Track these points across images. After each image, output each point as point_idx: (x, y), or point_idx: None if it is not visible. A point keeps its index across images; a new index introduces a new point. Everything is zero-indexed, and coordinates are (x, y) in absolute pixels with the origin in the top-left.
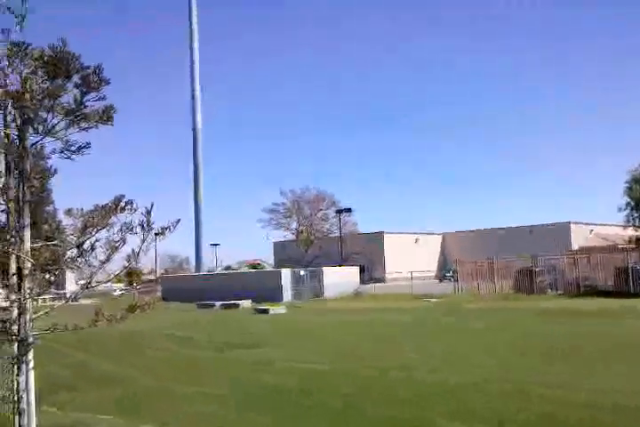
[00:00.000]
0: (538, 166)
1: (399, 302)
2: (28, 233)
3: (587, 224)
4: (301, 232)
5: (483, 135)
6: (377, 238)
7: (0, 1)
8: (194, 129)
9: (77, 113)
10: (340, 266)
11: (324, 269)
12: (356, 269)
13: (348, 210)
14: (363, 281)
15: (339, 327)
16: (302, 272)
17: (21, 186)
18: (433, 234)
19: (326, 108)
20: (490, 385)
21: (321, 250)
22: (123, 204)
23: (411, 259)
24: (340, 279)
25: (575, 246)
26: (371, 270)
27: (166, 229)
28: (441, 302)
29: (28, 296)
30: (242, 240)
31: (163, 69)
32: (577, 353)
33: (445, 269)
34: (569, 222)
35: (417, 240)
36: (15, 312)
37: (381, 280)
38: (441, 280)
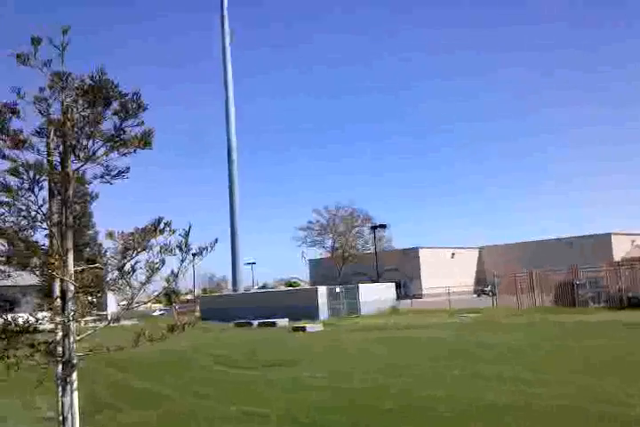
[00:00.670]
0: (569, 176)
1: (437, 318)
2: (71, 257)
3: (628, 235)
4: (336, 249)
5: (517, 149)
6: (412, 254)
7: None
8: (228, 149)
9: (117, 139)
10: (375, 282)
11: (360, 285)
12: (392, 286)
13: (383, 226)
14: (399, 297)
15: (377, 345)
16: (338, 289)
17: (64, 211)
18: (469, 248)
19: (358, 123)
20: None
21: (356, 267)
22: (161, 226)
23: (447, 274)
24: (376, 296)
25: (617, 258)
26: (407, 286)
27: (204, 249)
28: (480, 316)
29: (71, 318)
30: (278, 258)
31: (196, 84)
32: None
33: (483, 284)
34: (610, 234)
35: (453, 255)
36: (60, 334)
37: (418, 296)
38: (479, 295)
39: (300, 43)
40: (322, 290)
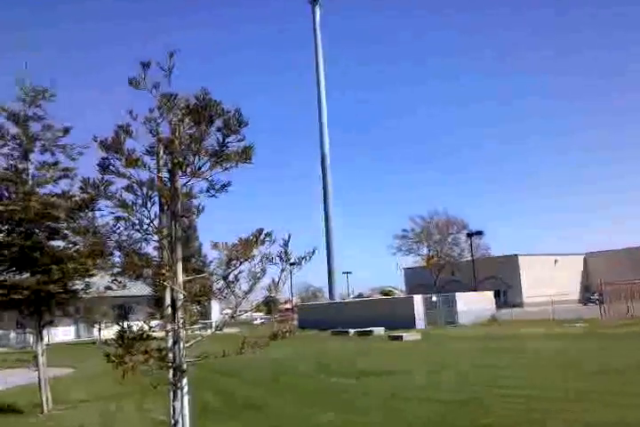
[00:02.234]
0: None
1: (540, 328)
2: (180, 267)
3: None
4: (432, 257)
5: (620, 155)
6: (511, 261)
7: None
8: (322, 157)
9: (220, 155)
10: (473, 291)
11: (457, 294)
12: (490, 294)
13: (480, 233)
14: (498, 306)
15: (476, 355)
16: (435, 298)
17: (173, 224)
18: (573, 255)
19: (457, 129)
20: None
21: (453, 275)
22: (262, 236)
23: (550, 282)
24: (474, 305)
25: None
26: (506, 295)
27: (303, 258)
28: (587, 326)
29: (181, 326)
30: (373, 267)
31: (290, 95)
32: None
33: (589, 292)
34: None
35: (556, 262)
36: (170, 341)
37: (518, 305)
38: (585, 304)
39: (389, 39)
40: (418, 299)
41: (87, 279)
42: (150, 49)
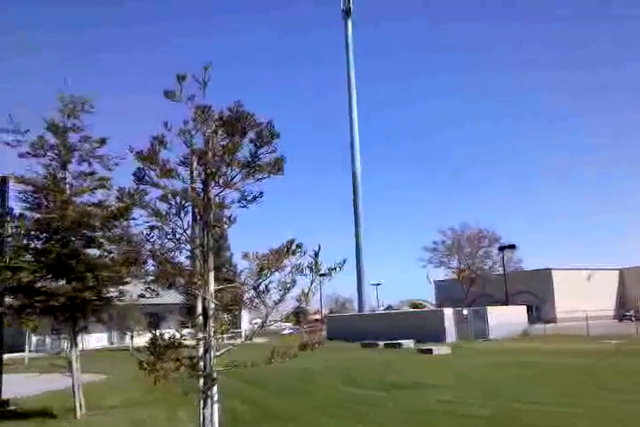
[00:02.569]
0: None
1: (574, 344)
2: (212, 277)
3: None
4: (463, 270)
5: None
6: (544, 275)
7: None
8: (353, 170)
9: (252, 166)
10: (505, 305)
11: (489, 308)
12: (522, 309)
13: (512, 246)
14: (531, 321)
15: (506, 370)
16: (465, 312)
17: (206, 234)
18: (608, 269)
19: (484, 144)
20: None
21: (484, 289)
22: (293, 247)
23: (583, 297)
24: (505, 319)
25: None
26: (539, 310)
27: (332, 270)
28: (621, 343)
29: (212, 335)
30: (403, 279)
31: (323, 108)
32: None
33: (625, 308)
34: None
35: (590, 277)
36: (201, 349)
37: (551, 320)
38: (620, 320)
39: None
40: (448, 312)
41: (121, 287)
42: (173, 55)
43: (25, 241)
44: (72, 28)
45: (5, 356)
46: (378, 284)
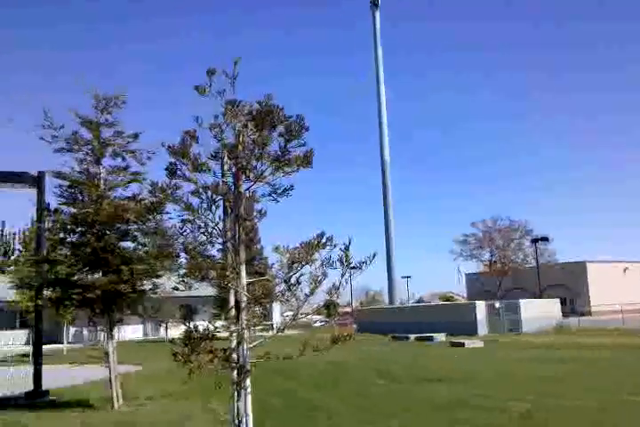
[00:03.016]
0: None
1: (610, 338)
2: (243, 270)
3: None
4: (494, 263)
5: None
6: (578, 268)
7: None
8: (382, 162)
9: (282, 159)
10: (538, 298)
11: (521, 301)
12: (556, 302)
13: (545, 239)
14: (565, 315)
15: (539, 364)
16: (497, 305)
17: (237, 227)
18: None
19: (515, 138)
20: None
21: (516, 282)
22: (324, 240)
23: (619, 290)
24: (538, 312)
25: None
26: (573, 303)
27: (363, 263)
28: None
29: (245, 327)
30: (433, 272)
31: (350, 100)
32: None
33: None
34: None
35: (626, 269)
36: (234, 342)
37: (586, 314)
38: None
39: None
40: (480, 305)
41: (155, 280)
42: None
43: (61, 235)
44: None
45: (44, 347)
46: (408, 277)
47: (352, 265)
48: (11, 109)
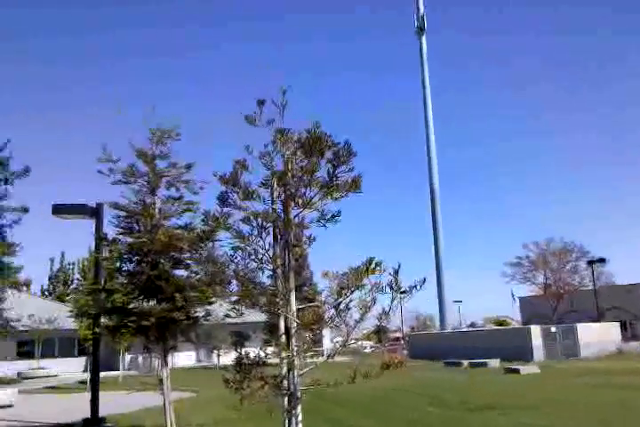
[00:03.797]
0: None
1: None
2: (293, 296)
3: None
4: (549, 286)
5: None
6: (637, 290)
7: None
8: (431, 186)
9: (330, 185)
10: (596, 322)
11: (578, 325)
12: (615, 326)
13: (602, 260)
14: (625, 339)
15: (604, 392)
16: (553, 329)
17: (286, 254)
18: None
19: (564, 152)
20: None
21: (572, 305)
22: (373, 265)
23: None
24: (597, 337)
25: None
26: (633, 327)
27: (413, 288)
28: None
29: (295, 353)
30: (486, 296)
31: (398, 125)
32: None
33: None
34: None
35: None
36: (285, 368)
37: None
38: None
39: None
40: (535, 330)
41: (207, 307)
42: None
43: (118, 264)
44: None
45: (101, 374)
46: (459, 301)
47: (402, 290)
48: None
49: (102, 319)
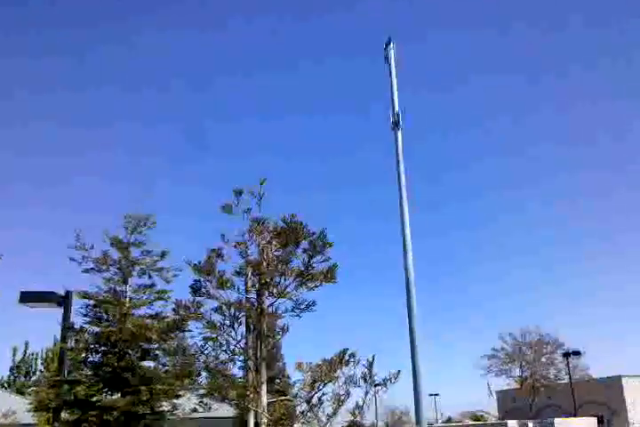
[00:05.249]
0: None
1: None
2: (264, 389)
3: None
4: (525, 379)
5: None
6: (615, 384)
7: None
8: (407, 281)
9: (305, 275)
10: (573, 416)
11: (556, 420)
12: (593, 421)
13: (577, 353)
14: None
15: None
16: (531, 424)
17: (259, 344)
18: None
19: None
20: None
21: (550, 399)
22: (347, 356)
23: None
24: None
25: None
26: (610, 422)
27: (388, 380)
28: None
29: None
30: (463, 389)
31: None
32: None
33: None
34: None
35: None
36: None
37: None
38: None
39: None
40: (512, 424)
41: (174, 400)
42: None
43: (84, 355)
44: None
45: None
46: (436, 394)
47: (376, 382)
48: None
49: (63, 413)
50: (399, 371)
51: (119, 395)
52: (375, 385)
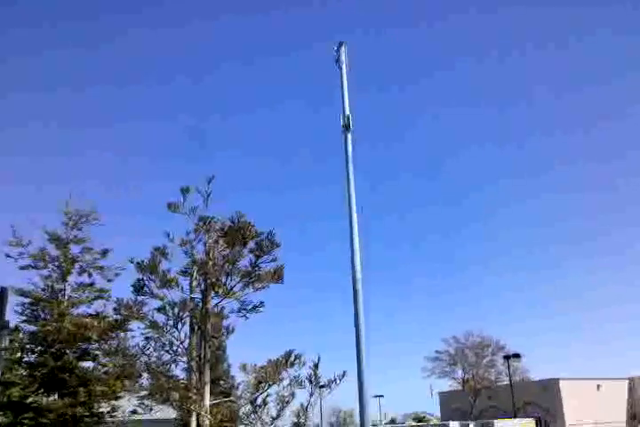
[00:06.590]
0: None
1: None
2: (207, 390)
3: None
4: (467, 381)
5: None
6: (552, 386)
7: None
8: (353, 280)
9: (252, 275)
10: (513, 417)
11: (496, 422)
12: (531, 421)
13: (517, 355)
14: None
15: None
16: (472, 425)
17: (203, 345)
18: (618, 379)
19: (506, 256)
20: None
21: (490, 400)
22: (292, 358)
23: (593, 408)
24: None
25: None
26: (548, 422)
27: (333, 381)
28: None
29: None
30: (407, 391)
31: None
32: None
33: (637, 420)
34: None
35: (599, 387)
36: None
37: None
38: None
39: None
40: (454, 425)
41: (114, 402)
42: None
43: (19, 354)
44: None
45: None
46: (380, 395)
47: (321, 384)
48: None
49: None
50: (344, 372)
51: (56, 396)
52: (320, 386)
